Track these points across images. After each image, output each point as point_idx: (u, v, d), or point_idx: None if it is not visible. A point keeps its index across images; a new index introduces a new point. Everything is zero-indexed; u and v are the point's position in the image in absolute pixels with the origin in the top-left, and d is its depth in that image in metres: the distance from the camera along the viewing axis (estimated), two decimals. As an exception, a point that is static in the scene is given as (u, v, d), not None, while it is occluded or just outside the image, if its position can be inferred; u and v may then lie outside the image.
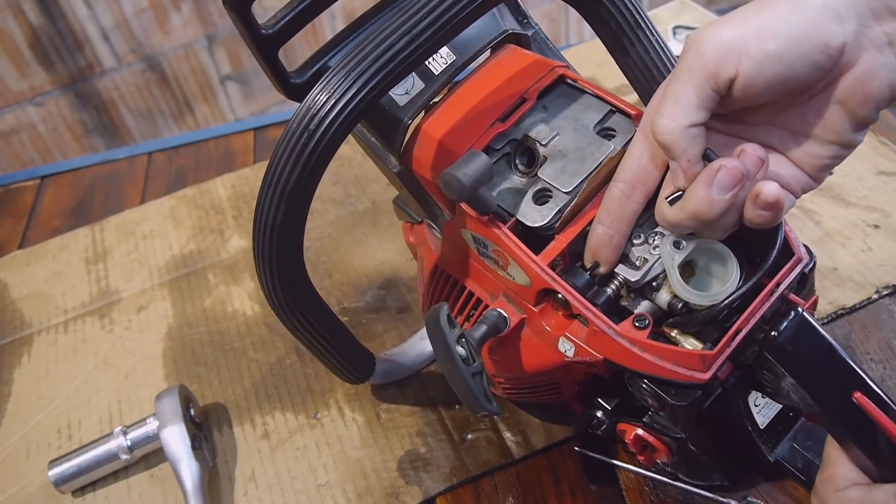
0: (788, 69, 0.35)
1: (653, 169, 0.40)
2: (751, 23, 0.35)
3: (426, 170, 0.46)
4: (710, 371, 0.39)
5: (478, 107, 0.46)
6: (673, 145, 0.36)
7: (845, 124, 0.37)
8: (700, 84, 0.36)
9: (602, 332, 0.41)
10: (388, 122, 0.47)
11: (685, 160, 0.37)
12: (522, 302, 0.45)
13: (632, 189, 0.41)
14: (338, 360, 0.54)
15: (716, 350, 0.39)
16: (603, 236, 0.41)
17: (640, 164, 0.40)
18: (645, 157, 0.40)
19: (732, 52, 0.35)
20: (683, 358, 0.39)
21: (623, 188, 0.41)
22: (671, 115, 0.36)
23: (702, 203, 0.36)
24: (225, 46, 1.45)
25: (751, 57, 0.35)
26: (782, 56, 0.35)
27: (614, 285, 0.42)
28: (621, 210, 0.41)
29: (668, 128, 0.36)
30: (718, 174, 0.36)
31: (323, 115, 0.39)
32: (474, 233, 0.45)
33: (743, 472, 0.51)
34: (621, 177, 0.41)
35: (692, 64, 0.36)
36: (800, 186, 0.40)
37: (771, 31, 0.35)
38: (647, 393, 0.41)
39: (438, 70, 0.48)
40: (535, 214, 0.43)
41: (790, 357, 0.39)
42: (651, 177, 0.41)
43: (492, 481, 0.57)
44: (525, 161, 0.46)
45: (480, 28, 0.48)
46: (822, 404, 0.39)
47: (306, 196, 0.42)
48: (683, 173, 0.37)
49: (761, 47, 0.35)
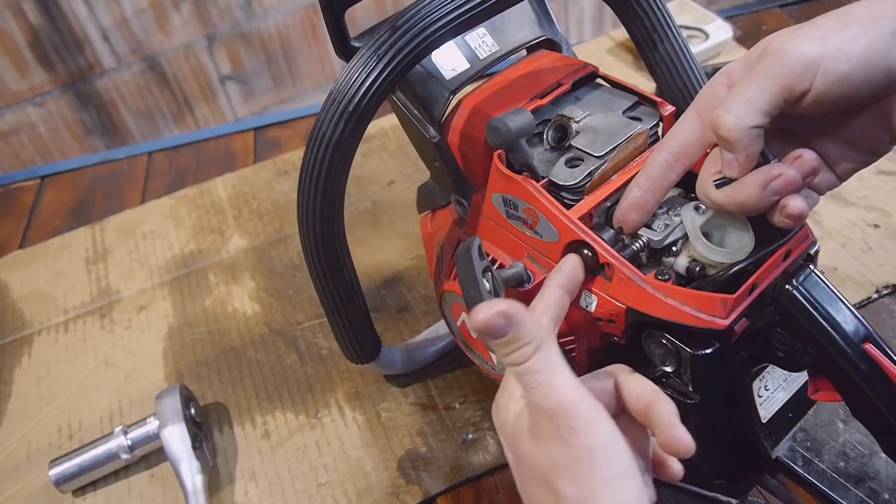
0: (855, 89, 0.36)
1: (700, 147, 0.42)
2: (829, 41, 0.36)
3: (465, 139, 0.50)
4: (729, 317, 0.40)
5: (517, 87, 0.51)
6: (736, 142, 0.38)
7: (885, 137, 0.40)
8: (775, 93, 0.37)
9: (627, 280, 0.43)
10: (433, 92, 0.51)
11: (744, 156, 0.38)
12: (547, 261, 0.47)
13: (675, 160, 0.43)
14: (347, 329, 0.56)
15: (736, 294, 0.40)
16: (639, 199, 0.43)
17: (689, 140, 0.42)
18: (695, 135, 0.42)
19: (810, 69, 0.36)
20: (705, 303, 0.41)
21: (667, 158, 0.43)
22: (740, 115, 0.37)
23: (752, 198, 0.39)
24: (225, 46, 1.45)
25: (826, 74, 0.36)
26: (852, 77, 0.36)
27: (637, 245, 0.44)
28: (661, 178, 0.43)
29: (735, 126, 0.37)
30: (776, 181, 0.38)
31: (370, 69, 0.44)
32: (505, 194, 0.48)
33: (743, 470, 0.51)
34: (668, 147, 0.43)
35: (772, 72, 0.37)
36: (826, 186, 0.42)
37: (846, 52, 0.36)
38: (666, 349, 0.42)
39: (483, 55, 0.53)
40: (567, 174, 0.46)
41: (806, 307, 0.41)
42: (695, 153, 0.43)
43: (492, 481, 0.57)
44: (558, 137, 0.49)
45: (524, 27, 0.54)
46: (839, 352, 0.40)
47: (351, 147, 0.46)
48: (739, 166, 0.39)
49: (836, 67, 0.36)
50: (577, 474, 0.33)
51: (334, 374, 0.67)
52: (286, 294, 0.75)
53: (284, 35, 1.49)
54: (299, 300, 0.74)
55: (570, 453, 0.33)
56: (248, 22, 1.45)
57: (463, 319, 0.53)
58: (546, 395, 0.34)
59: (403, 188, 0.85)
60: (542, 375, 0.35)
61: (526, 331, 0.35)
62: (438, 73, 0.51)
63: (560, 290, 0.42)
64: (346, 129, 0.45)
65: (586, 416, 0.34)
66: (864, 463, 0.51)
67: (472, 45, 0.53)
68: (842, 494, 0.50)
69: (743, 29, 0.98)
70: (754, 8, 1.03)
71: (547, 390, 0.34)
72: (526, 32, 0.54)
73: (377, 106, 0.45)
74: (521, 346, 0.35)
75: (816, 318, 0.40)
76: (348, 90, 0.44)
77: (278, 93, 1.55)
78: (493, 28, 0.53)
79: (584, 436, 0.33)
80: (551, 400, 0.34)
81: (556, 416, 0.34)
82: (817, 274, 0.42)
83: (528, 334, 0.35)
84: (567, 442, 0.33)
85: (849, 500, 0.50)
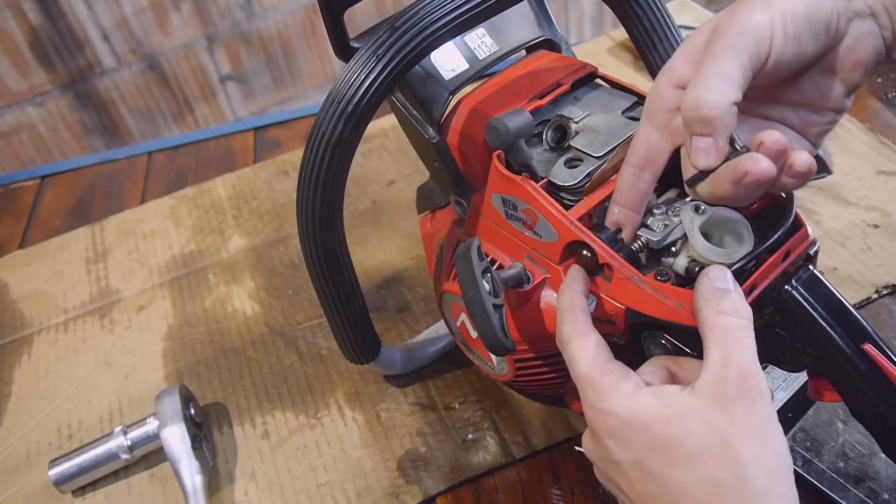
0: (801, 48, 0.38)
1: (660, 152, 0.43)
2: (774, 6, 0.37)
3: (464, 139, 0.50)
4: None
5: (516, 87, 0.52)
6: (717, 121, 0.37)
7: (839, 91, 0.41)
8: (745, 63, 0.37)
9: (626, 280, 0.43)
10: (432, 93, 0.51)
11: (723, 138, 0.37)
12: (546, 261, 0.47)
13: (641, 171, 0.43)
14: (347, 329, 0.56)
15: None
16: (619, 215, 0.44)
17: (649, 149, 0.43)
18: (653, 142, 0.43)
19: (767, 34, 0.37)
20: None
21: (633, 171, 0.43)
22: (720, 91, 0.36)
23: (729, 194, 0.38)
24: (225, 46, 1.45)
25: (780, 38, 0.37)
26: (801, 36, 0.37)
27: (636, 246, 0.45)
28: (632, 192, 0.44)
29: (718, 102, 0.36)
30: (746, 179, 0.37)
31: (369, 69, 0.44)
32: (504, 195, 0.48)
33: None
34: (631, 161, 0.43)
35: (736, 44, 0.37)
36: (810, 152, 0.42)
37: (790, 13, 0.37)
38: (666, 349, 0.43)
39: (482, 56, 0.53)
40: (566, 175, 0.47)
41: (806, 306, 0.41)
42: (659, 160, 0.43)
43: (492, 481, 0.57)
44: (557, 137, 0.49)
45: (523, 27, 0.54)
46: (838, 352, 0.40)
47: (350, 147, 0.46)
48: (718, 151, 0.38)
49: (784, 30, 0.37)
50: (758, 438, 0.35)
51: (334, 374, 0.67)
52: (286, 294, 0.75)
53: (284, 35, 1.49)
54: (299, 300, 0.74)
55: (759, 415, 0.35)
56: (248, 22, 1.45)
57: (462, 319, 0.53)
58: (741, 355, 0.36)
59: (403, 188, 0.85)
60: (743, 342, 0.36)
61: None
62: (438, 73, 0.52)
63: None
64: (345, 129, 0.45)
65: (765, 383, 0.36)
66: (863, 463, 0.51)
67: (472, 45, 0.53)
68: (841, 495, 0.50)
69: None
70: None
71: (740, 351, 0.36)
72: (525, 33, 0.55)
73: (377, 106, 0.45)
74: None
75: (816, 318, 0.41)
76: (348, 90, 0.44)
77: (278, 93, 1.56)
78: (492, 28, 0.53)
79: (767, 403, 0.35)
80: (751, 365, 0.36)
81: (749, 378, 0.35)
82: (817, 274, 0.42)
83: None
84: (754, 403, 0.35)
85: (849, 500, 0.50)
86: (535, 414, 0.60)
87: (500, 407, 0.61)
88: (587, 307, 0.43)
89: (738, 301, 0.38)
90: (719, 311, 0.37)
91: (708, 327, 0.37)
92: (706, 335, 0.37)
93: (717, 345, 0.36)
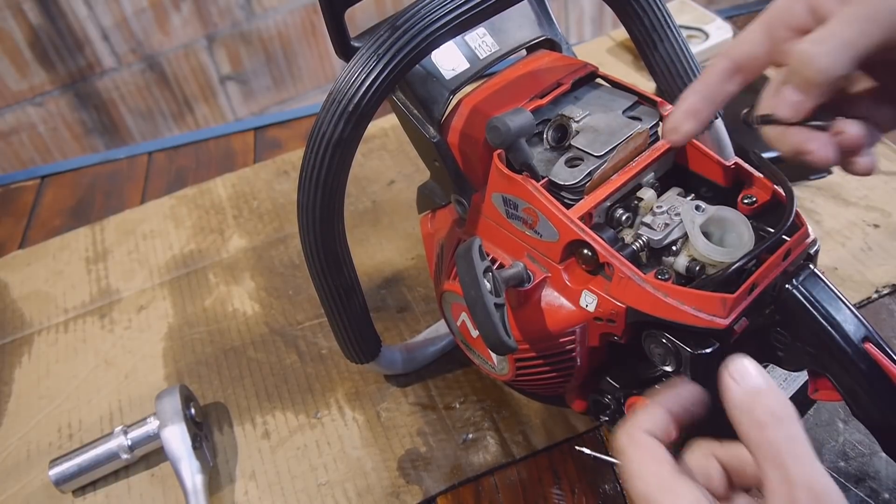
0: None
1: (762, 63, 0.40)
2: None
3: (465, 139, 0.50)
4: (729, 316, 0.40)
5: (517, 86, 0.52)
6: (818, 88, 0.35)
7: None
8: (875, 42, 0.34)
9: (627, 279, 0.43)
10: (433, 92, 0.51)
11: (813, 104, 0.35)
12: (547, 261, 0.47)
13: (736, 70, 0.40)
14: (347, 329, 0.56)
15: (736, 294, 0.40)
16: (695, 105, 0.41)
17: (754, 53, 0.39)
18: (761, 49, 0.39)
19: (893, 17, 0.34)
20: (704, 302, 0.41)
21: (729, 66, 0.40)
22: (837, 60, 0.34)
23: (784, 153, 0.37)
24: (225, 46, 1.45)
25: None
26: None
27: (636, 245, 0.44)
28: (719, 86, 0.40)
29: (828, 70, 0.34)
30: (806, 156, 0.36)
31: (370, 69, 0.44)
32: (505, 194, 0.48)
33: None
34: (731, 54, 0.40)
35: (875, 16, 0.34)
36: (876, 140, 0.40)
37: None
38: (666, 348, 0.42)
39: (483, 55, 0.53)
40: (567, 174, 0.46)
41: (806, 307, 0.41)
42: (757, 68, 0.40)
43: (492, 481, 0.57)
44: (557, 137, 0.49)
45: (524, 27, 0.55)
46: (839, 352, 0.40)
47: (351, 147, 0.46)
48: (800, 113, 0.36)
49: None
50: None
51: (334, 374, 0.67)
52: (286, 294, 0.75)
53: (284, 35, 1.49)
54: (299, 300, 0.74)
55: None
56: (248, 22, 1.45)
57: (463, 319, 0.53)
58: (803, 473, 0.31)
59: (403, 188, 0.85)
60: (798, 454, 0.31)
61: None
62: (438, 72, 0.52)
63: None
64: (346, 129, 0.45)
65: (842, 497, 0.31)
66: (864, 463, 0.51)
67: (472, 44, 0.53)
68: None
69: (743, 29, 0.99)
70: (754, 8, 1.04)
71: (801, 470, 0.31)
72: (526, 32, 0.55)
73: (377, 106, 0.45)
74: None
75: (816, 318, 0.41)
76: (348, 90, 0.44)
77: (278, 93, 1.55)
78: (492, 28, 0.53)
79: None
80: (821, 482, 0.30)
81: (823, 495, 0.30)
82: (817, 273, 0.42)
83: None
84: None
85: (849, 500, 0.50)
86: (535, 414, 0.60)
87: (500, 407, 0.61)
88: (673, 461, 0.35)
89: (775, 401, 0.32)
90: (760, 425, 0.31)
91: (754, 446, 0.32)
92: (755, 454, 0.32)
93: (772, 466, 0.31)
